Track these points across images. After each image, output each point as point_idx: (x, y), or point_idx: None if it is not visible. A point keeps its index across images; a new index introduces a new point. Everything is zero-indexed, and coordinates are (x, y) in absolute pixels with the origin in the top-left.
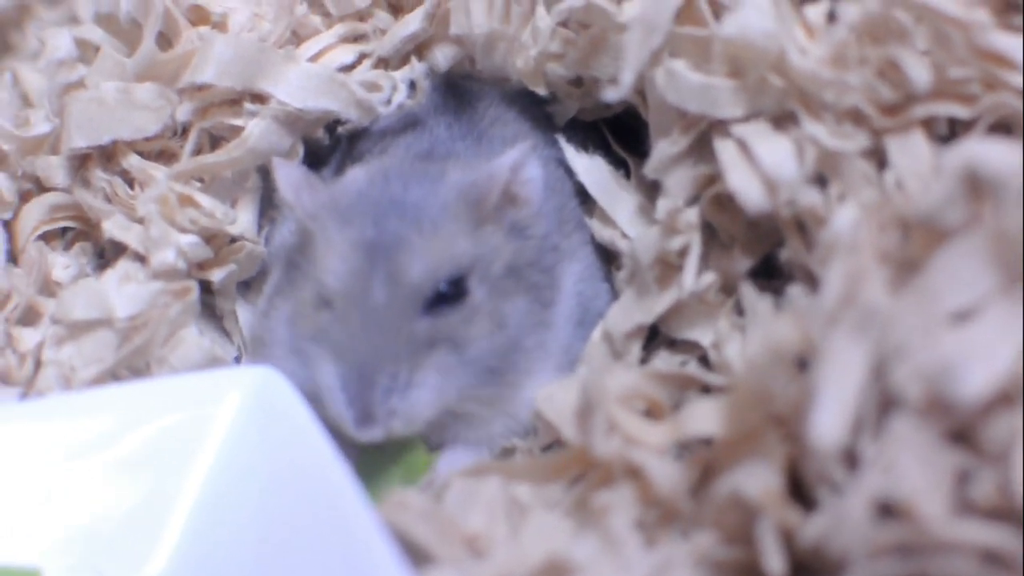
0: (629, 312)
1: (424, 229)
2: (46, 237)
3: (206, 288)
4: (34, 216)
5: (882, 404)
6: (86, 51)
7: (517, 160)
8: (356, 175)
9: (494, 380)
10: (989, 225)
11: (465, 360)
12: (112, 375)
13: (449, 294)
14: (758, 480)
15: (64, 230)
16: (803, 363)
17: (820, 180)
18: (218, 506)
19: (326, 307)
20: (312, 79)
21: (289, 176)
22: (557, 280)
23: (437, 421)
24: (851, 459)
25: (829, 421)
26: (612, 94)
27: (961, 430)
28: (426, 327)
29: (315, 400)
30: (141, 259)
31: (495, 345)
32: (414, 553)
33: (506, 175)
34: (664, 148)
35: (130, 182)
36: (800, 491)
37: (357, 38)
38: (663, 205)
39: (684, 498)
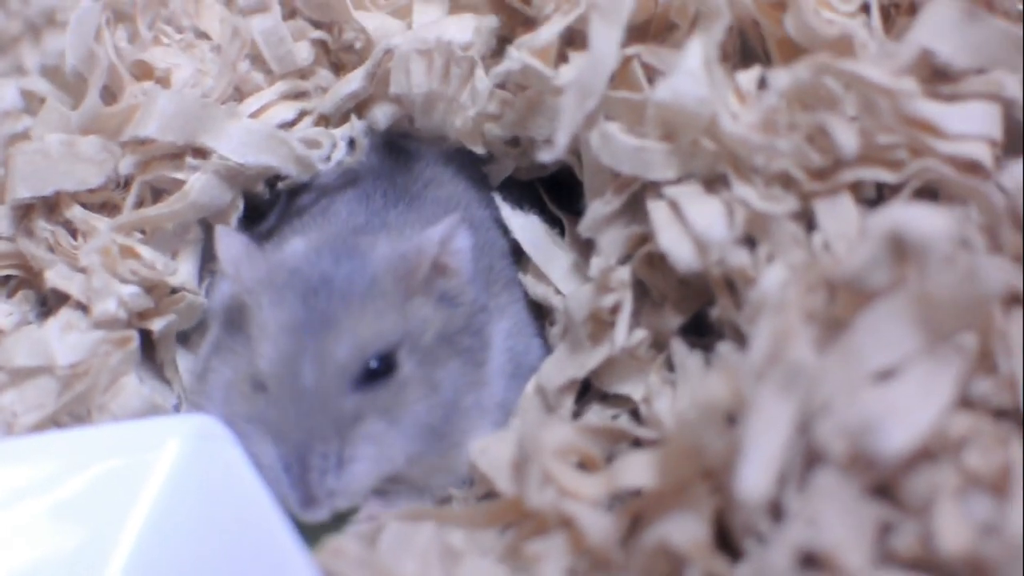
0: (562, 367)
1: (352, 308)
2: None
3: (147, 337)
4: None
5: (807, 458)
6: (31, 102)
7: (446, 232)
8: (295, 249)
9: (434, 442)
10: (912, 287)
11: (400, 428)
12: (53, 421)
13: (378, 370)
14: (687, 530)
15: (7, 278)
16: (732, 418)
17: (750, 241)
18: (156, 552)
19: (261, 389)
20: (253, 135)
21: (230, 247)
22: (488, 340)
23: (379, 485)
24: (776, 511)
25: (756, 474)
26: (547, 155)
27: (883, 484)
28: (355, 403)
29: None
30: (83, 308)
31: (431, 408)
32: None
33: (435, 248)
34: (598, 208)
35: (73, 232)
36: (727, 541)
37: (298, 95)
38: (596, 263)
39: (615, 548)
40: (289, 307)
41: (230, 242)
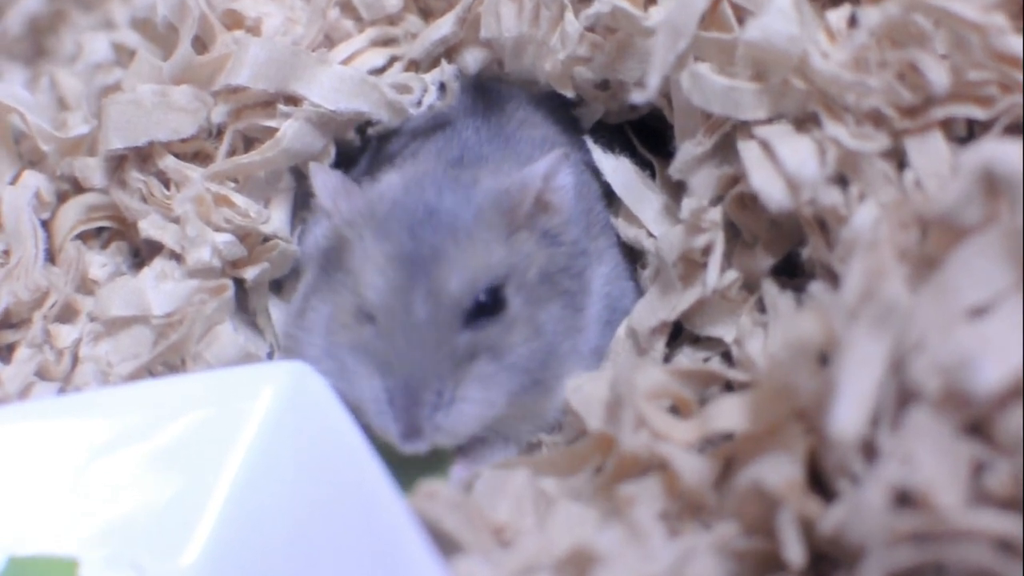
0: (654, 309)
1: (461, 240)
2: (83, 236)
3: (239, 286)
4: (72, 216)
5: (900, 397)
6: (122, 55)
7: (550, 168)
8: (391, 182)
9: (533, 386)
10: (1004, 223)
11: (505, 367)
12: (148, 371)
13: (488, 304)
14: (779, 472)
15: (100, 230)
16: (824, 358)
17: (841, 180)
18: (251, 498)
19: (367, 320)
20: (344, 81)
21: (327, 182)
22: (587, 284)
23: (483, 428)
24: (870, 451)
25: (849, 413)
26: (639, 97)
27: (976, 422)
28: (467, 340)
29: (350, 405)
30: (177, 258)
31: (533, 352)
32: (443, 543)
33: (539, 183)
34: (689, 149)
35: (166, 183)
36: (820, 482)
37: (388, 42)
38: (687, 204)
39: (708, 490)
40: (395, 239)
41: (326, 178)
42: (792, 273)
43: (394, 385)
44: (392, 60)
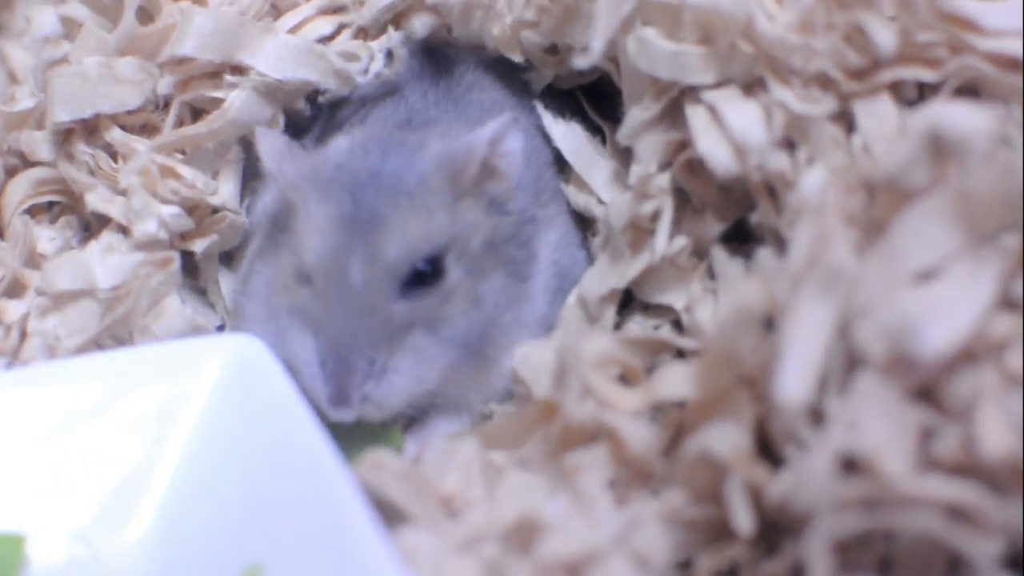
0: (603, 277)
1: (401, 205)
2: (32, 211)
3: (188, 259)
4: (20, 190)
5: (847, 363)
6: (71, 28)
7: (497, 132)
8: (338, 145)
9: (471, 358)
10: (953, 186)
11: (441, 340)
12: (96, 344)
13: (427, 273)
14: (727, 439)
15: (49, 204)
16: (771, 324)
17: (789, 144)
18: (199, 471)
19: (305, 282)
20: (291, 50)
21: (272, 146)
22: (535, 252)
23: (415, 401)
24: (817, 417)
25: (795, 379)
26: (583, 61)
27: (924, 388)
28: (403, 309)
29: (289, 369)
30: (124, 230)
31: (472, 324)
32: (390, 513)
33: (485, 148)
34: (636, 114)
35: (113, 155)
36: (768, 450)
37: (336, 9)
38: (635, 171)
39: (656, 458)
40: (336, 201)
41: (272, 141)
42: (742, 239)
43: (326, 347)
44: (340, 27)
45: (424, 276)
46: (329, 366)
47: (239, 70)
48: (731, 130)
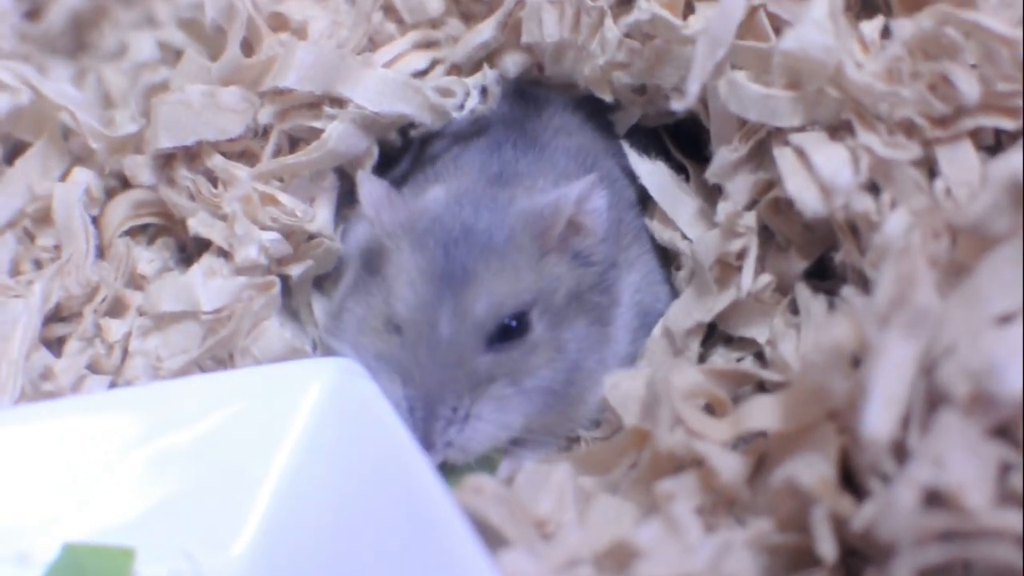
0: (689, 310)
1: (492, 262)
2: (131, 232)
3: (284, 282)
4: (120, 212)
5: (930, 400)
6: (167, 54)
7: (583, 192)
8: (436, 196)
9: (554, 404)
10: None
11: (524, 391)
12: (197, 365)
13: (513, 329)
14: (813, 470)
15: (147, 226)
16: (856, 360)
17: (873, 187)
18: (300, 490)
19: (395, 331)
20: (388, 84)
21: (372, 192)
22: (617, 297)
23: (499, 444)
24: (900, 451)
25: (880, 415)
26: (678, 104)
27: (1003, 425)
28: (488, 360)
29: None
30: (225, 255)
31: (556, 373)
32: (488, 535)
33: (572, 207)
34: (725, 154)
35: (213, 181)
36: (852, 481)
37: (430, 45)
38: (723, 208)
39: (742, 487)
40: (430, 254)
41: (372, 187)
42: (824, 277)
43: (414, 396)
44: (434, 63)
45: (510, 331)
46: (418, 413)
47: (337, 102)
48: (818, 172)
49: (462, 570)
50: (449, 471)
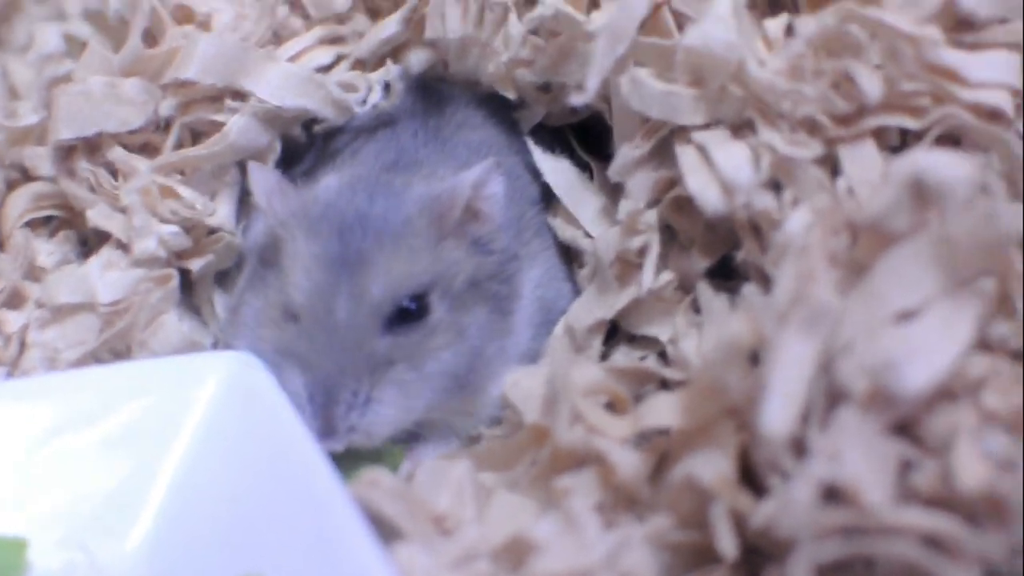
0: (591, 308)
1: (386, 246)
2: (31, 225)
3: (185, 278)
4: (20, 204)
5: (829, 397)
6: (73, 47)
7: (480, 176)
8: (327, 184)
9: (457, 389)
10: (933, 231)
11: (425, 375)
12: (94, 357)
13: (411, 310)
14: (712, 467)
15: (48, 219)
16: (755, 358)
17: (775, 185)
18: (196, 483)
19: (292, 319)
20: (291, 78)
21: (263, 180)
22: (517, 288)
23: (402, 429)
24: (799, 448)
25: (779, 412)
26: (578, 99)
27: (904, 423)
28: (387, 344)
29: None
30: (124, 247)
31: (455, 357)
32: (384, 530)
33: (468, 191)
34: (627, 152)
35: (114, 173)
36: (751, 478)
37: (335, 40)
38: (624, 206)
39: (642, 484)
40: (324, 240)
41: (263, 176)
42: (727, 276)
43: (313, 383)
44: (339, 59)
45: (408, 313)
46: (318, 400)
47: (240, 95)
48: (720, 170)
49: (356, 564)
50: (347, 467)
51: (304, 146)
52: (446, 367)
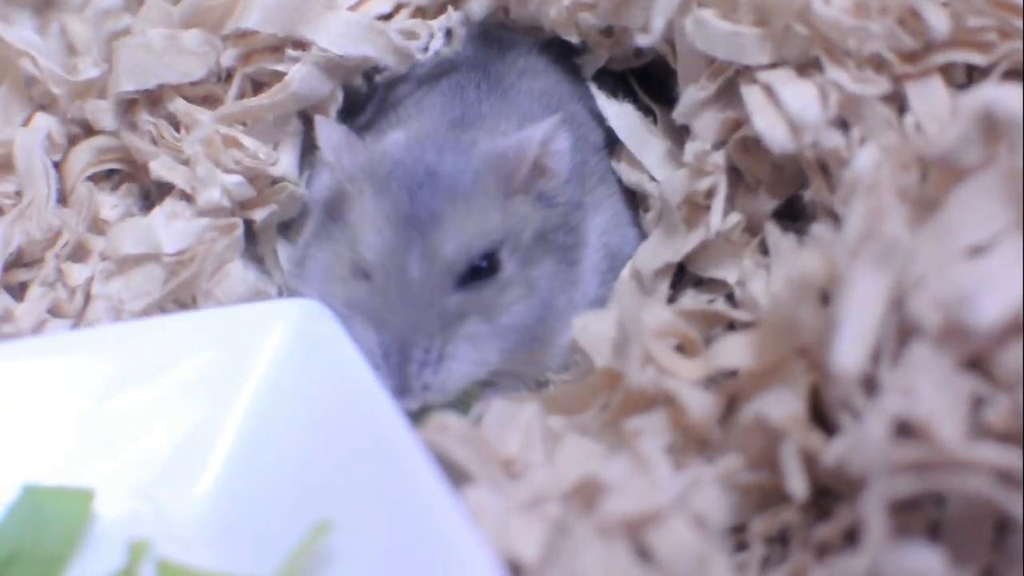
0: (658, 251)
1: (458, 204)
2: (94, 178)
3: (248, 227)
4: (83, 158)
5: (901, 333)
6: (131, 2)
7: (546, 133)
8: (396, 140)
9: (528, 342)
10: (1003, 164)
11: (497, 328)
12: (159, 308)
13: (483, 268)
14: (782, 406)
15: (111, 172)
16: (826, 297)
17: (842, 123)
18: (264, 430)
19: (363, 277)
20: (352, 27)
21: (330, 135)
22: (583, 237)
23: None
24: (871, 385)
25: (851, 348)
26: (643, 41)
27: (976, 358)
28: (459, 300)
29: None
30: (187, 198)
31: (528, 310)
32: (453, 473)
33: (536, 149)
34: (692, 93)
35: (176, 125)
36: (822, 417)
37: None
38: (691, 148)
39: (713, 425)
40: (394, 198)
41: (331, 131)
42: (794, 216)
43: (387, 341)
44: (399, 6)
45: (480, 271)
46: (392, 358)
47: (301, 45)
48: (787, 109)
49: (426, 508)
50: (419, 411)
51: (365, 96)
52: (518, 320)
